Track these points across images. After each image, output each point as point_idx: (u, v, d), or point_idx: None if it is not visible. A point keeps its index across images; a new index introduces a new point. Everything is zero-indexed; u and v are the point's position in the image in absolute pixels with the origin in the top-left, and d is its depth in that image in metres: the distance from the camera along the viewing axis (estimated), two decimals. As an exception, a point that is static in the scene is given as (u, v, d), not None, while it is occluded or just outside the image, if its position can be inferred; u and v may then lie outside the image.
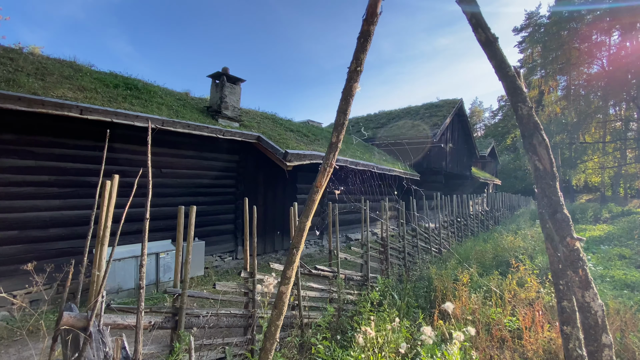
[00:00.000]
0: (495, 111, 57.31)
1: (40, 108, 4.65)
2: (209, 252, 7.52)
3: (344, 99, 1.68)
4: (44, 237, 5.36)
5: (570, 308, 1.94)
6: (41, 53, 7.00)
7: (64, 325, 2.13)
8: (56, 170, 5.48)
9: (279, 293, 1.55)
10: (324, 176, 1.64)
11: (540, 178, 2.04)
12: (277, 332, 1.58)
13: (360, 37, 1.59)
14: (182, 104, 7.89)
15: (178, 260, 2.81)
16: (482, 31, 2.10)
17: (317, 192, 1.61)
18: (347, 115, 1.69)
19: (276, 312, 1.55)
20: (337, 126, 1.69)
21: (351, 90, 1.63)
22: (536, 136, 2.00)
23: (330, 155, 1.66)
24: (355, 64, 1.61)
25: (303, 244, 1.61)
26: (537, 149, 2.03)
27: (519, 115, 2.08)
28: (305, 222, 1.60)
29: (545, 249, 7.54)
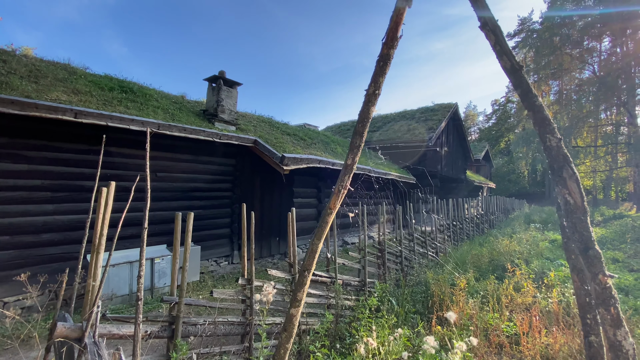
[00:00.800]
0: (489, 115, 57.89)
1: (34, 111, 4.58)
2: (204, 256, 7.44)
3: (360, 122, 1.65)
4: (37, 242, 5.27)
5: (598, 343, 1.90)
6: (34, 55, 6.90)
7: (58, 336, 2.08)
8: (49, 174, 5.40)
9: (289, 316, 1.52)
10: (338, 197, 1.61)
11: (570, 212, 1.98)
12: (287, 355, 1.55)
13: (380, 60, 1.57)
14: (178, 107, 7.84)
15: (175, 267, 2.76)
16: (507, 59, 2.05)
17: (331, 214, 1.58)
18: (363, 138, 1.66)
19: (286, 335, 1.51)
20: (352, 148, 1.66)
21: (368, 113, 1.61)
22: (566, 169, 1.94)
23: (345, 177, 1.62)
24: (373, 87, 1.58)
25: (314, 265, 1.58)
26: (567, 183, 1.96)
27: (547, 147, 2.01)
28: (317, 244, 1.57)
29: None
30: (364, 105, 1.61)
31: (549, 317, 4.09)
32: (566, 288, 4.61)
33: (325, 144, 11.84)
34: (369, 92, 1.59)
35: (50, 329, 2.26)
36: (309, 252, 1.59)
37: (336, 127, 22.75)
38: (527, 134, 33.59)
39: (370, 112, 1.61)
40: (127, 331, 2.37)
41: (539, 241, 9.33)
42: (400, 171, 14.17)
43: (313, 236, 1.61)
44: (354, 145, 1.63)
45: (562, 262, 6.80)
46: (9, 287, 4.96)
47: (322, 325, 3.51)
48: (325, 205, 10.14)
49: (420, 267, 6.88)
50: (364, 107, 1.61)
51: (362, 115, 1.63)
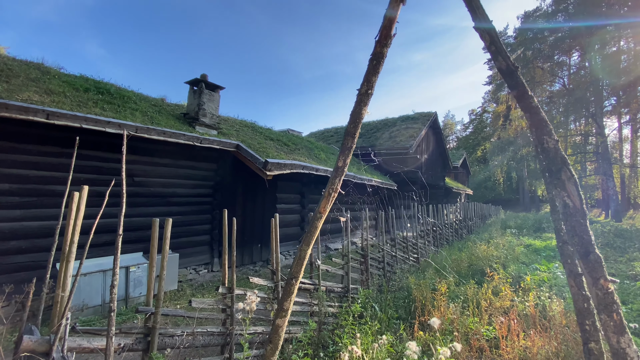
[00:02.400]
0: (467, 124, 59.85)
1: (4, 112, 4.34)
2: (183, 264, 7.21)
3: (352, 122, 1.62)
4: (3, 250, 4.95)
5: (599, 350, 1.83)
6: (7, 54, 6.57)
7: (24, 350, 1.94)
8: (17, 178, 5.11)
9: (275, 326, 1.47)
10: (329, 201, 1.57)
11: (569, 215, 1.93)
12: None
13: (373, 59, 1.55)
14: (158, 110, 7.64)
15: (152, 276, 2.65)
16: (503, 59, 2.03)
17: (321, 218, 1.54)
18: (355, 139, 1.62)
19: (271, 347, 1.46)
20: (344, 150, 1.63)
21: (360, 113, 1.58)
22: (564, 171, 1.90)
23: (335, 180, 1.59)
24: (366, 87, 1.56)
25: (302, 273, 1.54)
26: (565, 185, 1.91)
27: (544, 149, 1.98)
28: (306, 250, 1.53)
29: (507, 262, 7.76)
30: (356, 106, 1.59)
31: (526, 320, 4.19)
32: (542, 292, 4.76)
33: (309, 150, 11.83)
34: (362, 92, 1.58)
35: (16, 343, 2.10)
36: (297, 258, 1.55)
37: (319, 134, 22.83)
38: (502, 143, 34.89)
39: (362, 112, 1.59)
40: (99, 344, 2.24)
41: (515, 246, 9.63)
42: (382, 177, 14.34)
43: (301, 242, 1.57)
44: (346, 146, 1.61)
45: (537, 267, 7.03)
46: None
47: (305, 333, 3.46)
48: (308, 211, 10.08)
49: (402, 272, 6.93)
50: (356, 107, 1.59)
51: (353, 116, 1.60)
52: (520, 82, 2.01)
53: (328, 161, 11.77)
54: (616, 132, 29.84)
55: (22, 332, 2.32)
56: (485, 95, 49.50)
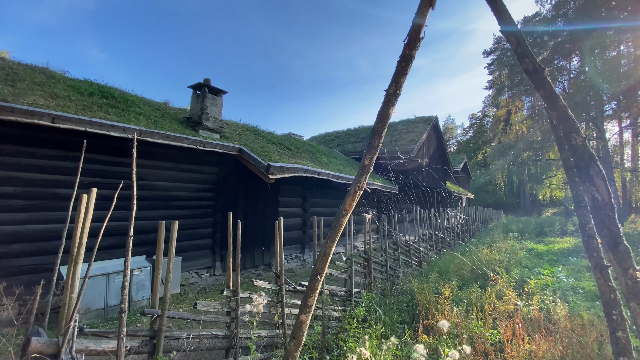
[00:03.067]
0: (467, 128, 59.96)
1: (10, 115, 4.37)
2: (185, 268, 7.20)
3: (379, 122, 1.65)
4: (7, 253, 4.96)
5: (625, 339, 1.91)
6: (11, 58, 6.63)
7: (33, 352, 1.95)
8: (22, 181, 5.13)
9: (299, 322, 1.48)
10: (354, 198, 1.59)
11: (598, 209, 2.00)
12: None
13: (401, 60, 1.58)
14: (161, 114, 7.68)
15: (157, 278, 2.65)
16: (529, 61, 2.09)
17: (345, 215, 1.55)
18: (381, 138, 1.65)
19: (294, 343, 1.46)
20: (370, 148, 1.65)
21: (388, 113, 1.61)
22: (593, 167, 1.97)
23: (361, 178, 1.61)
24: (394, 87, 1.59)
25: (326, 269, 1.55)
26: (594, 180, 1.97)
27: (572, 146, 2.04)
28: (330, 247, 1.54)
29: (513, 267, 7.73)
30: (384, 105, 1.62)
31: (531, 324, 4.18)
32: (545, 295, 4.74)
33: (310, 154, 11.86)
34: (390, 92, 1.61)
35: (24, 345, 2.10)
36: (322, 254, 1.56)
37: (321, 138, 22.89)
38: (503, 147, 34.91)
39: (389, 112, 1.61)
40: (106, 347, 2.24)
41: (517, 250, 9.60)
42: (384, 181, 14.35)
43: (326, 239, 1.58)
44: (372, 145, 1.63)
45: (540, 271, 7.01)
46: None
47: (310, 337, 3.45)
48: (310, 215, 10.08)
49: (405, 276, 6.92)
50: (384, 107, 1.62)
51: (381, 116, 1.63)
52: (547, 82, 2.06)
53: (330, 165, 11.80)
54: (617, 136, 29.87)
55: (29, 334, 2.32)
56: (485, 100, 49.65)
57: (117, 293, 5.21)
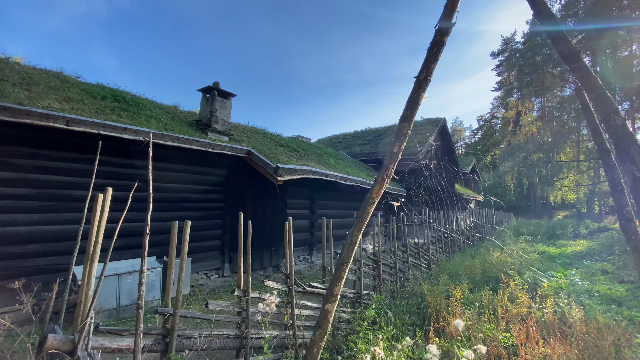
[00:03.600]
0: (475, 130, 59.38)
1: (26, 118, 4.48)
2: (194, 269, 7.25)
3: (408, 108, 1.64)
4: (21, 253, 5.06)
5: None
6: (25, 63, 6.80)
7: (49, 348, 1.97)
8: (37, 182, 5.24)
9: (324, 311, 1.49)
10: (382, 186, 1.59)
11: (639, 188, 2.01)
12: (319, 355, 1.49)
13: (432, 47, 1.58)
14: (171, 117, 7.78)
15: (170, 277, 2.68)
16: (564, 43, 2.11)
17: (373, 204, 1.56)
18: (411, 124, 1.64)
19: (320, 332, 1.46)
20: (399, 135, 1.64)
21: (418, 99, 1.61)
22: (633, 146, 1.99)
23: (390, 165, 1.61)
24: (425, 73, 1.59)
25: (352, 258, 1.56)
26: (635, 159, 2.00)
27: (611, 126, 2.05)
28: (357, 235, 1.56)
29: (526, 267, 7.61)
30: (414, 92, 1.61)
31: (545, 327, 4.10)
32: (560, 298, 4.65)
33: (318, 156, 11.88)
34: (420, 79, 1.60)
35: (40, 342, 2.13)
36: (348, 244, 1.57)
37: (328, 140, 22.92)
38: (512, 149, 34.49)
39: (420, 98, 1.61)
40: (121, 344, 2.27)
41: (529, 253, 9.44)
42: (391, 184, 14.28)
43: (352, 228, 1.58)
44: (402, 132, 1.62)
45: (553, 274, 6.88)
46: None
47: (320, 337, 3.43)
48: (318, 217, 10.06)
49: (414, 278, 6.85)
50: (414, 93, 1.61)
51: (410, 102, 1.62)
52: (583, 64, 2.07)
53: (337, 167, 11.79)
54: (630, 138, 29.23)
55: (45, 331, 2.36)
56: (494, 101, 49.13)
57: (128, 293, 5.27)
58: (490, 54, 39.19)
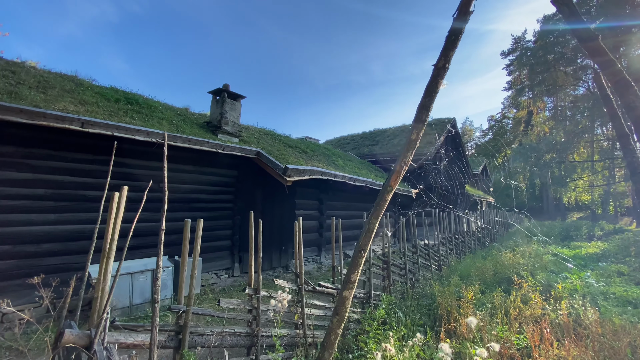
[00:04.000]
0: (486, 130, 58.60)
1: (42, 121, 4.60)
2: (205, 269, 7.33)
3: (427, 95, 1.64)
4: (37, 252, 5.19)
5: None
6: (40, 67, 6.99)
7: (66, 343, 2.02)
8: (53, 183, 5.37)
9: (342, 298, 1.51)
10: (400, 174, 1.61)
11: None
12: (337, 341, 1.53)
13: (450, 35, 1.59)
14: (182, 119, 7.90)
15: (183, 275, 2.71)
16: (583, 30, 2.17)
17: (390, 192, 1.57)
18: (429, 112, 1.65)
19: (337, 319, 1.50)
20: (417, 122, 1.65)
21: (437, 86, 1.62)
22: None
23: (408, 153, 1.62)
24: (443, 61, 1.60)
25: (370, 245, 1.59)
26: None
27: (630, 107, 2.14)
28: (374, 223, 1.58)
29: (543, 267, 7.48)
30: (432, 79, 1.62)
31: (559, 329, 4.02)
32: (574, 300, 4.56)
33: (326, 157, 11.89)
34: (439, 66, 1.61)
35: (56, 337, 2.19)
36: (366, 231, 1.59)
37: (336, 141, 22.92)
38: (524, 149, 33.93)
39: (438, 85, 1.62)
40: (135, 340, 2.31)
41: (542, 254, 9.27)
42: (400, 184, 14.20)
43: (369, 216, 1.60)
44: (420, 119, 1.63)
45: (567, 275, 6.74)
46: (9, 297, 4.83)
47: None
48: (326, 218, 10.04)
49: (425, 279, 6.80)
50: (432, 80, 1.62)
51: (429, 89, 1.63)
52: (602, 48, 2.09)
53: (346, 167, 11.78)
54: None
55: (62, 326, 2.42)
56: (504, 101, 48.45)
57: (141, 292, 5.35)
58: (501, 53, 38.68)
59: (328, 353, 1.47)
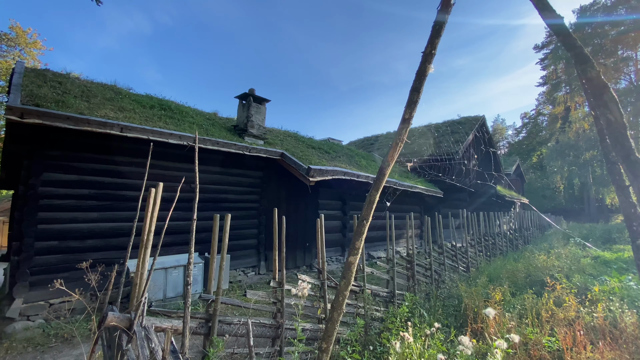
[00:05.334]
0: (519, 128, 55.93)
1: (86, 126, 5.03)
2: (233, 266, 7.61)
3: (417, 79, 1.85)
4: (81, 248, 5.63)
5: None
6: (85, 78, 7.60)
7: (109, 323, 2.23)
8: (96, 184, 5.82)
9: (348, 263, 1.63)
10: (396, 150, 1.78)
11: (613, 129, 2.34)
12: (344, 303, 1.67)
13: (435, 25, 1.78)
14: (211, 123, 8.27)
15: (213, 266, 2.89)
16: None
17: (389, 166, 1.75)
18: (419, 94, 1.85)
19: (344, 282, 1.64)
20: (410, 103, 1.85)
21: (425, 71, 1.80)
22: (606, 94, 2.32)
23: (402, 130, 1.81)
24: (430, 48, 1.78)
25: (371, 216, 1.73)
26: (608, 105, 2.39)
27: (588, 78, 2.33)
28: (375, 195, 1.72)
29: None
30: (421, 64, 1.78)
31: (594, 332, 3.83)
32: (611, 302, 4.31)
33: (349, 157, 11.93)
34: (426, 53, 1.76)
35: (100, 320, 2.42)
36: (367, 203, 1.71)
37: (359, 142, 22.86)
38: (561, 147, 32.11)
39: (426, 69, 1.78)
40: (170, 325, 2.49)
41: (580, 257, 8.77)
42: (426, 184, 13.93)
43: (371, 189, 1.72)
44: (412, 100, 1.82)
45: (606, 279, 6.36)
46: (55, 289, 5.29)
47: (354, 332, 3.49)
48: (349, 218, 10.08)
49: (451, 281, 6.66)
50: (421, 65, 1.78)
51: (419, 73, 1.84)
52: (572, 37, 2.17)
53: (369, 168, 11.75)
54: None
55: (105, 310, 2.66)
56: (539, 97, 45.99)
57: (174, 286, 5.67)
58: (534, 47, 36.89)
59: (337, 313, 1.59)
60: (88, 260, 2.91)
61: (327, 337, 1.81)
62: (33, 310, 5.12)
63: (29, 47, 19.99)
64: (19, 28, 19.51)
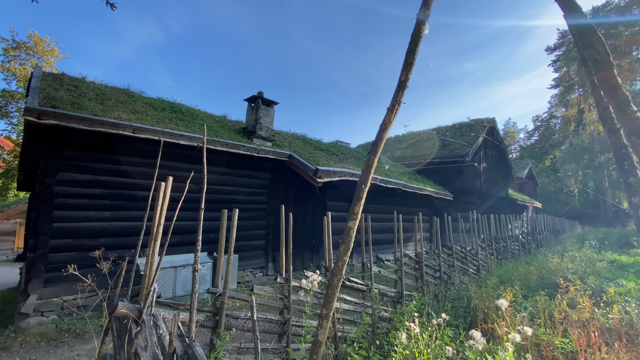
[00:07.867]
0: (531, 132, 54.95)
1: (100, 127, 5.17)
2: (241, 267, 7.65)
3: (412, 41, 1.93)
4: (94, 245, 5.74)
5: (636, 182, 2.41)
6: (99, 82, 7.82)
7: (119, 313, 2.28)
8: (109, 184, 5.96)
9: (347, 228, 1.66)
10: (393, 113, 1.82)
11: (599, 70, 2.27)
12: (344, 268, 1.70)
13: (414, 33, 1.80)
14: (221, 125, 8.39)
15: (220, 261, 2.92)
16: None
17: (385, 130, 1.79)
18: (415, 55, 1.91)
19: (344, 247, 1.68)
20: (406, 65, 1.91)
21: (419, 32, 1.86)
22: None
23: (399, 93, 1.85)
24: (424, 8, 1.82)
25: (370, 179, 1.76)
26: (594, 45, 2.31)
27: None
28: (373, 159, 1.77)
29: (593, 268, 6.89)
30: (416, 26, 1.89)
31: (609, 333, 3.72)
32: (628, 304, 4.19)
33: (357, 159, 11.92)
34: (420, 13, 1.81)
35: (111, 310, 2.47)
36: (366, 167, 1.74)
37: (368, 145, 22.82)
38: (575, 150, 31.43)
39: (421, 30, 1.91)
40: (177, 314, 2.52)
41: (596, 261, 8.54)
42: (435, 187, 13.80)
43: (369, 153, 1.75)
44: (407, 62, 1.98)
45: (623, 282, 6.17)
46: (68, 286, 5.42)
47: (360, 329, 3.47)
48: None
49: (461, 283, 6.56)
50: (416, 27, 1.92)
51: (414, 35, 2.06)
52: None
53: (377, 170, 11.71)
54: None
55: (117, 300, 2.71)
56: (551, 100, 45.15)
57: (183, 284, 5.73)
58: (546, 49, 36.33)
59: (337, 279, 1.61)
60: (101, 249, 2.97)
61: (327, 303, 1.83)
62: (47, 306, 5.24)
63: (46, 54, 20.66)
64: (37, 37, 20.20)
